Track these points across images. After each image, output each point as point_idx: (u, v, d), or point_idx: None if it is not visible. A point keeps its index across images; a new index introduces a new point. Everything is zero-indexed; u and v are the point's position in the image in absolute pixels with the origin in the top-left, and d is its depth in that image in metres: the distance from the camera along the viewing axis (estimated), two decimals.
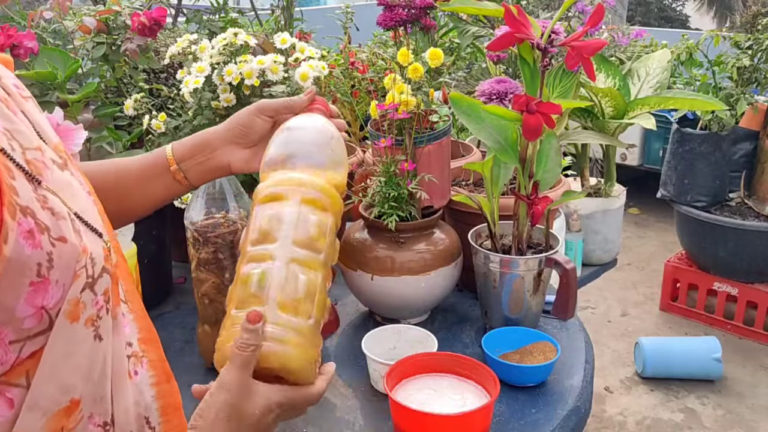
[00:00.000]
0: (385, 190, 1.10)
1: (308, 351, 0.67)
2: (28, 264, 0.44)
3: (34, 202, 0.46)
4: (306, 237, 0.70)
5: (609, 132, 1.94)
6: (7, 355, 0.45)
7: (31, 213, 0.45)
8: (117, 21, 1.36)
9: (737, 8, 11.36)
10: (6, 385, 0.47)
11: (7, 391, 0.47)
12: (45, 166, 0.51)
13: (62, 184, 0.52)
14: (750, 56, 2.56)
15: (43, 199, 0.47)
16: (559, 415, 0.95)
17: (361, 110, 1.53)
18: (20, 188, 0.45)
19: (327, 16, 1.98)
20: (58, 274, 0.47)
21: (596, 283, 2.52)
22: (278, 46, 1.27)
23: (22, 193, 0.45)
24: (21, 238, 0.43)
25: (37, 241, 0.45)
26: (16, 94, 0.56)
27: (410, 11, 1.39)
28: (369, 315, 1.23)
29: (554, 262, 1.07)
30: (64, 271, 0.47)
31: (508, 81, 1.19)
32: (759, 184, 2.76)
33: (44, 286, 0.46)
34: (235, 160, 0.85)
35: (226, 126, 0.85)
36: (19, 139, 0.50)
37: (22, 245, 0.43)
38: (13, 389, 0.47)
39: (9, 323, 0.45)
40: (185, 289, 1.35)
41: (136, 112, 1.27)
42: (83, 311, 0.50)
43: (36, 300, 0.46)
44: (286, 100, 0.85)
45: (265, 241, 0.69)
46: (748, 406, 2.53)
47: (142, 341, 0.62)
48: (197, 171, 0.85)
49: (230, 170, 0.86)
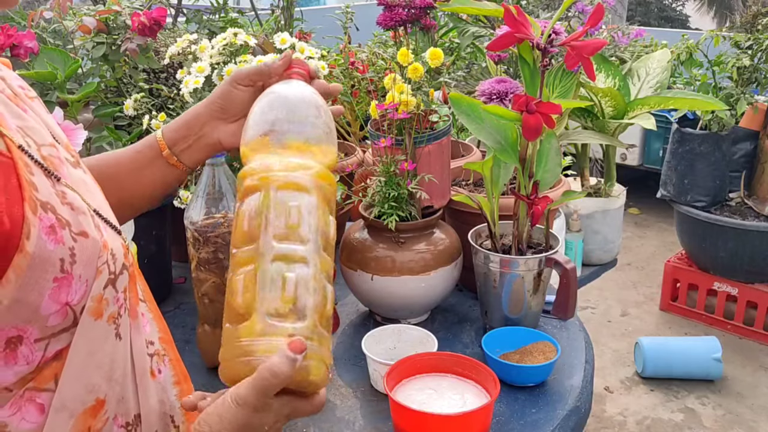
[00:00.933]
0: (385, 190, 1.10)
1: (327, 360, 0.63)
2: (51, 260, 0.44)
3: (54, 197, 0.46)
4: (328, 240, 0.66)
5: (609, 132, 1.94)
6: (33, 354, 0.45)
7: (52, 208, 0.45)
8: (117, 21, 1.36)
9: (737, 8, 11.36)
10: (36, 390, 0.47)
11: (37, 397, 0.47)
12: (61, 161, 0.51)
13: (78, 180, 0.53)
14: (750, 56, 2.56)
15: (62, 195, 0.47)
16: (559, 415, 0.95)
17: (361, 110, 1.53)
18: (39, 184, 0.45)
19: (327, 16, 1.98)
20: (81, 269, 0.47)
21: (596, 283, 2.52)
22: (278, 46, 1.27)
23: (41, 189, 0.45)
24: (43, 233, 0.43)
25: (59, 237, 0.45)
26: (22, 94, 0.56)
27: (410, 11, 1.39)
28: (369, 315, 1.23)
29: (554, 262, 1.07)
30: (87, 267, 0.47)
31: (508, 81, 1.19)
32: (759, 184, 2.76)
33: (68, 281, 0.46)
34: (223, 136, 0.81)
35: (206, 102, 0.81)
36: (33, 136, 0.50)
37: (44, 241, 0.43)
38: (42, 394, 0.47)
39: (34, 321, 0.45)
40: (185, 289, 1.36)
41: (136, 112, 1.27)
42: (106, 308, 0.50)
43: (60, 296, 0.46)
44: (260, 65, 0.78)
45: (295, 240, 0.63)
46: (748, 406, 2.53)
47: (162, 341, 0.62)
48: (190, 152, 0.82)
49: (222, 146, 0.82)
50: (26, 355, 0.46)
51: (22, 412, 0.47)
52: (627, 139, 2.90)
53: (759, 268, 2.76)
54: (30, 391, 0.47)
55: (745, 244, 2.69)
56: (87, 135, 1.06)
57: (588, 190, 2.22)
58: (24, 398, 0.47)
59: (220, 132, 0.81)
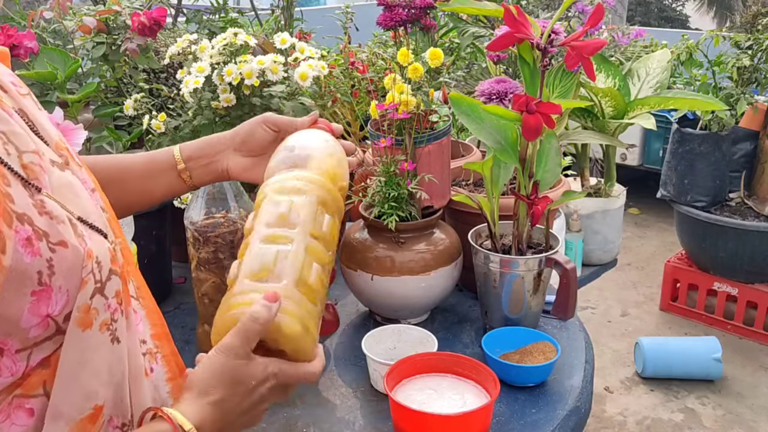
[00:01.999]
0: (385, 190, 1.10)
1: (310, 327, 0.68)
2: (27, 273, 0.44)
3: (31, 208, 0.45)
4: (320, 232, 0.73)
5: (609, 132, 1.94)
6: (15, 365, 0.45)
7: (29, 220, 0.44)
8: (117, 21, 1.36)
9: (737, 8, 11.36)
10: (24, 397, 0.47)
11: (26, 403, 0.47)
12: (42, 169, 0.50)
13: (63, 185, 0.52)
14: (750, 56, 2.56)
15: (41, 204, 0.47)
16: (559, 415, 0.95)
17: (361, 110, 1.53)
18: (16, 195, 0.45)
19: (327, 16, 1.98)
20: (60, 281, 0.46)
21: (596, 283, 2.52)
22: (278, 46, 1.27)
23: (18, 200, 0.44)
24: (20, 246, 0.43)
25: (36, 249, 0.44)
26: (14, 91, 0.55)
27: (410, 11, 1.39)
28: (369, 315, 1.23)
29: (554, 262, 1.07)
30: (67, 277, 0.47)
31: (508, 81, 1.19)
32: (759, 184, 2.76)
33: (47, 293, 0.45)
34: (233, 166, 0.87)
35: (232, 132, 0.88)
36: (15, 142, 0.49)
37: (21, 254, 0.43)
38: (31, 400, 0.47)
39: (15, 334, 0.45)
40: (185, 289, 1.35)
41: (136, 112, 1.27)
42: (96, 317, 0.50)
43: (40, 309, 0.45)
44: (290, 119, 0.88)
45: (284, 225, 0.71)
46: (748, 406, 2.53)
47: (155, 337, 0.62)
48: (200, 172, 0.87)
49: (228, 176, 0.89)
50: (9, 366, 0.46)
51: (12, 418, 0.47)
52: (627, 139, 2.89)
53: (759, 268, 2.76)
54: (18, 398, 0.47)
55: (745, 244, 2.69)
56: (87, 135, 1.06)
57: (588, 190, 2.22)
58: (12, 405, 0.47)
59: (231, 161, 0.87)
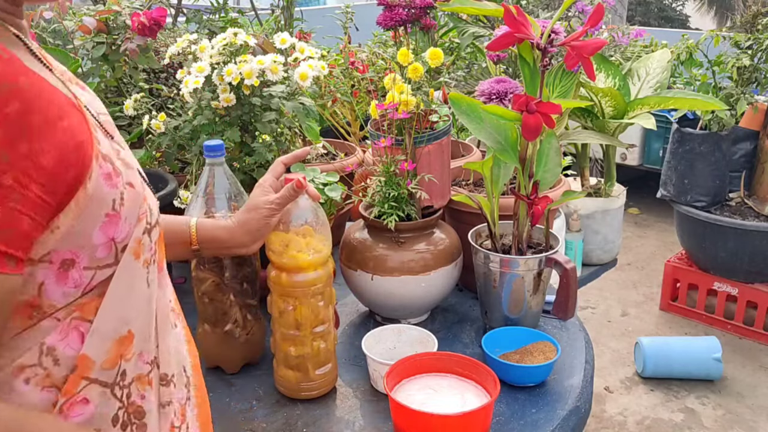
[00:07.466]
0: (385, 190, 1.10)
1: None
2: (105, 199, 0.54)
3: (111, 151, 0.56)
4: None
5: (609, 132, 1.94)
6: (81, 279, 0.54)
7: (110, 160, 0.55)
8: (117, 21, 1.36)
9: (737, 8, 11.36)
10: (80, 320, 0.55)
11: (80, 326, 0.55)
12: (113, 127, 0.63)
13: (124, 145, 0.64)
14: (750, 56, 2.57)
15: (117, 152, 0.58)
16: (559, 415, 0.95)
17: (361, 110, 1.53)
18: (101, 139, 0.55)
19: (327, 16, 1.98)
20: (126, 212, 0.56)
21: (596, 283, 2.52)
22: (278, 46, 1.27)
23: (102, 143, 0.55)
24: (102, 178, 0.53)
25: (114, 182, 0.55)
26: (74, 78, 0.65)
27: (410, 11, 1.39)
28: (369, 315, 1.23)
29: (554, 262, 1.07)
30: (131, 211, 0.57)
31: (508, 81, 1.19)
32: (759, 184, 2.76)
33: (116, 219, 0.55)
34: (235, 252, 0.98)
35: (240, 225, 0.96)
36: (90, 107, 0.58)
37: (101, 184, 0.53)
38: (84, 324, 0.55)
39: (86, 248, 0.54)
40: (185, 289, 1.35)
41: (136, 112, 1.27)
42: (143, 252, 0.59)
43: (108, 230, 0.55)
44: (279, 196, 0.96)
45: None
46: (748, 406, 2.53)
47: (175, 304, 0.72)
48: (212, 252, 0.97)
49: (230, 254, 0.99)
50: (75, 279, 0.54)
51: (68, 339, 0.54)
52: (627, 139, 2.89)
53: (759, 268, 2.76)
54: (75, 320, 0.55)
55: (745, 244, 2.69)
56: None
57: (588, 190, 2.22)
58: (71, 325, 0.54)
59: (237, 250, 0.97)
